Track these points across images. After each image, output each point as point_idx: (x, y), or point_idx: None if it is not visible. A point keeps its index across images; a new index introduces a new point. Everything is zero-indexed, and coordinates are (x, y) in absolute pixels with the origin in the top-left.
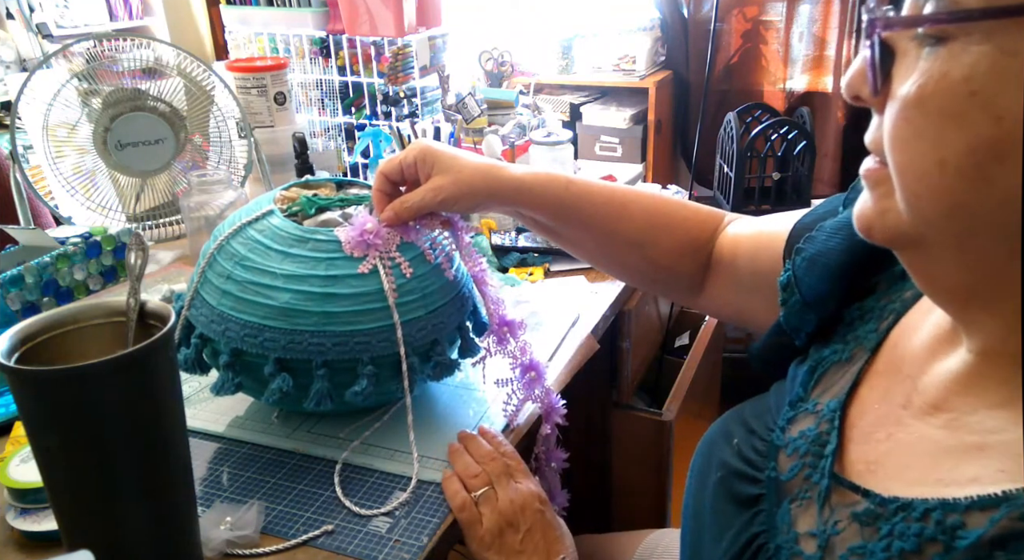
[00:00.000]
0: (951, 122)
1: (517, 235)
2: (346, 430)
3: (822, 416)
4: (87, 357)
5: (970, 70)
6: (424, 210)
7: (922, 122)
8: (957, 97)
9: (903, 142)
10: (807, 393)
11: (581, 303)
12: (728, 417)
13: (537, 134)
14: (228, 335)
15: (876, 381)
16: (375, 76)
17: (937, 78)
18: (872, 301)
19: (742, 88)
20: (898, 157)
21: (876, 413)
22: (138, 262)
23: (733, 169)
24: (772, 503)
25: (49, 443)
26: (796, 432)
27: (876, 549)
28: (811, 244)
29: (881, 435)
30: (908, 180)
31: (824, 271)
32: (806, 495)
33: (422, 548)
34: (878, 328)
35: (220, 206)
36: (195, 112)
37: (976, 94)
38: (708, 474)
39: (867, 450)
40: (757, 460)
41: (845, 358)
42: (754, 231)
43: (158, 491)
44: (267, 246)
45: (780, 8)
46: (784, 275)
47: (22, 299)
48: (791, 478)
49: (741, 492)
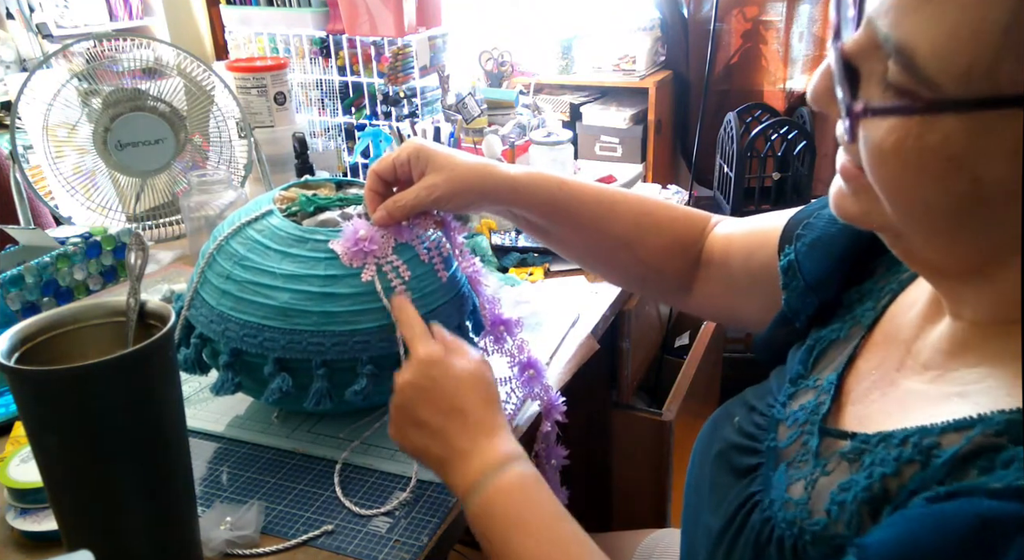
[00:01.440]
0: (930, 177)
1: (517, 235)
2: (346, 430)
3: (821, 389)
4: (87, 357)
5: (946, 138)
6: (418, 209)
7: (901, 171)
8: (935, 159)
9: (883, 180)
10: (807, 370)
11: (581, 303)
12: (731, 401)
13: (537, 134)
14: (227, 335)
15: (872, 352)
16: (375, 76)
17: (915, 138)
18: (870, 284)
19: (742, 88)
20: (880, 186)
21: (871, 378)
22: (138, 262)
23: (733, 169)
24: (769, 468)
25: (49, 443)
26: (796, 406)
27: (859, 478)
28: (811, 230)
29: (875, 395)
30: (891, 201)
31: (825, 255)
32: (803, 458)
33: (422, 548)
34: (875, 307)
35: (220, 206)
36: (195, 112)
37: (953, 159)
38: (709, 450)
39: (859, 408)
40: (757, 433)
41: (843, 336)
42: (747, 230)
43: (158, 491)
44: (266, 246)
45: (780, 8)
46: (784, 259)
47: (22, 299)
48: (789, 444)
49: (740, 463)
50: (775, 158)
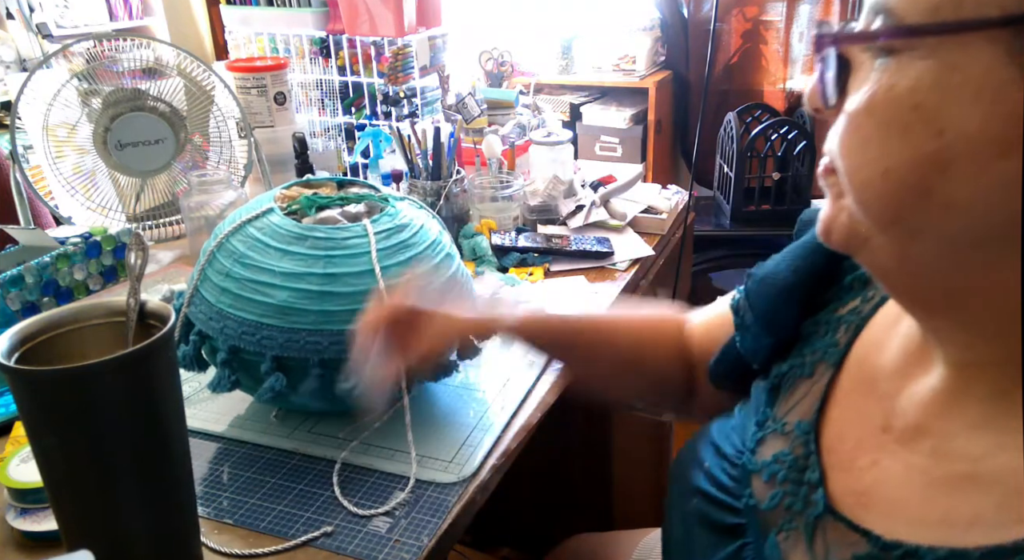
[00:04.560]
0: (896, 133)
1: (517, 235)
2: (346, 430)
3: (795, 439)
4: (87, 357)
5: (915, 83)
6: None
7: (869, 131)
8: (902, 109)
9: (851, 150)
10: (772, 411)
11: (581, 303)
12: (696, 439)
13: (537, 134)
14: (226, 333)
15: (847, 400)
16: (375, 76)
17: (885, 89)
18: (825, 314)
19: (742, 88)
20: (846, 163)
21: (854, 437)
22: (138, 262)
23: (733, 169)
24: (757, 535)
25: (49, 443)
26: (769, 455)
27: None
28: (760, 268)
29: (864, 462)
30: (855, 186)
31: (773, 290)
32: (791, 525)
33: (422, 548)
34: (838, 342)
35: (220, 206)
36: (195, 112)
37: (919, 107)
38: (684, 501)
39: (852, 479)
40: (731, 486)
41: (807, 374)
42: (708, 316)
43: (158, 491)
44: (266, 244)
45: (780, 8)
46: (735, 299)
47: (22, 299)
48: (773, 507)
49: (719, 521)
50: (775, 158)
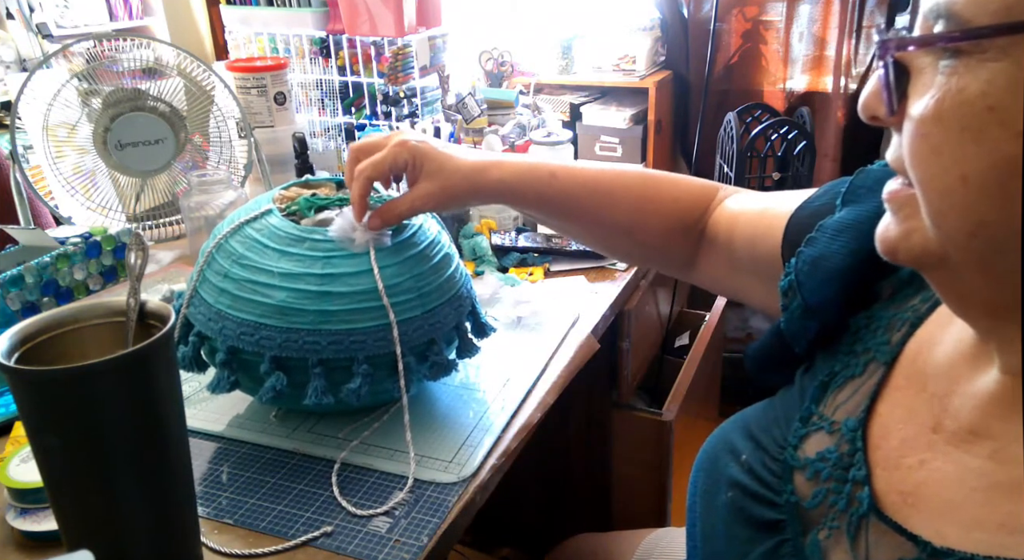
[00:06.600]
0: (970, 138)
1: (517, 235)
2: (345, 430)
3: (842, 436)
4: (87, 357)
5: (987, 86)
6: (411, 215)
7: (941, 138)
8: (975, 112)
9: (924, 159)
10: (818, 408)
11: (581, 303)
12: (729, 429)
13: (537, 134)
14: (225, 333)
15: (896, 397)
16: (375, 76)
17: (954, 93)
18: (879, 309)
19: (742, 88)
20: (920, 174)
21: (901, 434)
22: (138, 262)
23: (733, 169)
24: (796, 532)
25: (49, 443)
26: (813, 452)
27: None
28: (813, 246)
29: (912, 461)
30: (932, 197)
31: (827, 274)
32: (834, 524)
33: (422, 548)
34: (891, 340)
35: (220, 206)
36: (195, 112)
37: (994, 110)
38: (716, 493)
39: (898, 477)
40: (772, 481)
41: (858, 373)
42: (754, 212)
43: (158, 491)
44: (264, 245)
45: (780, 8)
46: (785, 279)
47: (22, 299)
48: (816, 506)
49: (758, 515)
50: (775, 158)
